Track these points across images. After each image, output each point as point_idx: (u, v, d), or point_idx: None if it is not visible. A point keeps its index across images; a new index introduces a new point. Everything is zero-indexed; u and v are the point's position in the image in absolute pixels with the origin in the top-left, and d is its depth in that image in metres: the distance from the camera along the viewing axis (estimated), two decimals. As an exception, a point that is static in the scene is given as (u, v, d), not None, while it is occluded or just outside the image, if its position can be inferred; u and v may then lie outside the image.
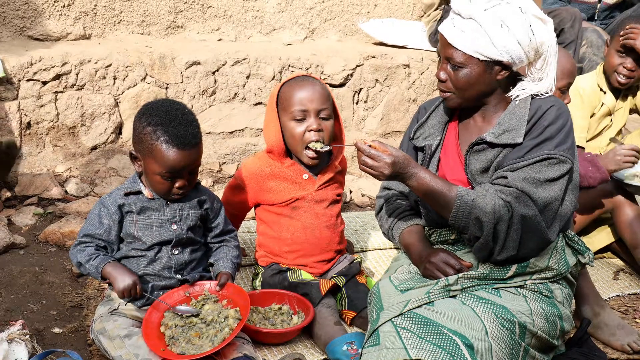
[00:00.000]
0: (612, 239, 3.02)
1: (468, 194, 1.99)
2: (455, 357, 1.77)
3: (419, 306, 1.91)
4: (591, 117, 3.21)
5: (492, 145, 2.06)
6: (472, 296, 1.96)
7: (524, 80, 2.10)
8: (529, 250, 2.01)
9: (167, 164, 2.04)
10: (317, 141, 2.35)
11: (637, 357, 2.31)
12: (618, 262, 3.05)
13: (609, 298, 2.72)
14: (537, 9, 2.02)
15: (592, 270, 2.93)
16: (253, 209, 2.59)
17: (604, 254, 3.09)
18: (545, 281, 2.06)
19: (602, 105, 3.21)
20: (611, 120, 3.26)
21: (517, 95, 2.08)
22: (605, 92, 3.22)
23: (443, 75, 2.08)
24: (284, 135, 2.41)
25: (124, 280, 2.04)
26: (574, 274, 2.17)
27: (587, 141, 3.21)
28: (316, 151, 2.37)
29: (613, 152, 2.76)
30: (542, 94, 2.09)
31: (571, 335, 2.27)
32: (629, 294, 2.78)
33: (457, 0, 2.03)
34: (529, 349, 1.93)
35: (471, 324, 1.86)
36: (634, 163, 2.74)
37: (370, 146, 1.99)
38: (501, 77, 2.05)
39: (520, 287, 2.03)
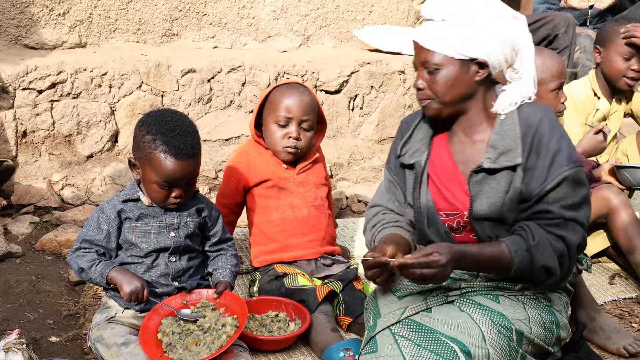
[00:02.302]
0: (608, 244, 3.02)
1: (520, 247, 1.92)
2: None
3: (416, 313, 1.92)
4: (586, 123, 3.22)
5: (491, 171, 1.98)
6: (470, 302, 1.96)
7: (504, 88, 2.03)
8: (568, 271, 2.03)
9: (164, 174, 2.05)
10: (293, 147, 2.52)
11: (633, 361, 2.32)
12: (614, 266, 3.06)
13: (604, 302, 2.73)
14: (508, 7, 2.00)
15: (588, 275, 2.93)
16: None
17: (599, 259, 3.10)
18: (544, 290, 2.06)
19: (596, 111, 3.23)
20: (606, 125, 3.28)
21: (503, 110, 2.01)
22: (599, 98, 3.23)
23: (421, 84, 2.03)
24: (265, 133, 2.60)
25: (131, 284, 2.04)
26: (571, 281, 2.18)
27: None
28: (293, 152, 2.54)
29: (587, 137, 2.79)
30: (526, 100, 2.02)
31: (567, 340, 2.27)
32: (624, 299, 2.78)
33: (427, 5, 2.01)
34: (526, 356, 1.94)
35: (469, 331, 1.86)
36: (602, 132, 2.75)
37: (405, 257, 1.87)
38: (479, 77, 1.98)
39: (520, 294, 2.03)
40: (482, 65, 1.97)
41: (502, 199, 1.97)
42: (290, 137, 2.51)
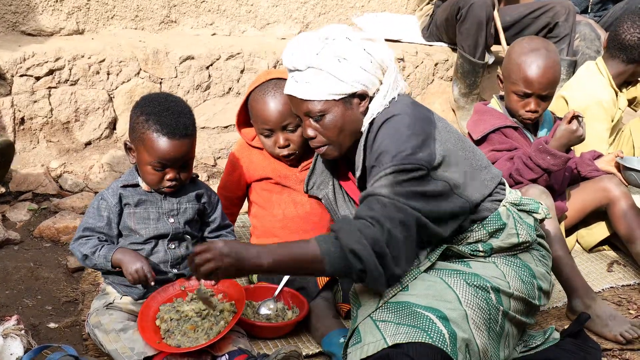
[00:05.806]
0: (608, 233, 2.98)
1: (329, 235, 1.85)
2: (429, 332, 1.79)
3: (394, 295, 1.91)
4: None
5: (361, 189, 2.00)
6: (443, 269, 1.97)
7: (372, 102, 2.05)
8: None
9: (156, 154, 2.05)
10: (286, 154, 2.42)
11: (630, 347, 2.32)
12: (612, 253, 3.06)
13: (602, 290, 2.73)
14: (362, 33, 2.05)
15: (586, 262, 2.94)
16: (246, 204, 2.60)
17: (604, 247, 3.08)
18: (515, 252, 2.08)
19: (618, 110, 3.20)
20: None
21: (364, 127, 2.04)
22: (617, 95, 3.20)
23: (311, 132, 2.05)
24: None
25: (135, 263, 2.04)
26: (541, 234, 2.17)
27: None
28: (289, 158, 2.44)
29: (559, 130, 2.56)
30: (383, 107, 2.02)
31: (566, 327, 2.28)
32: (622, 286, 2.79)
33: (288, 57, 2.04)
34: (509, 312, 1.96)
35: (444, 297, 1.88)
36: (577, 119, 2.56)
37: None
38: (363, 107, 2.04)
39: (487, 256, 2.04)
40: (362, 95, 2.02)
41: None
42: (278, 146, 2.42)
